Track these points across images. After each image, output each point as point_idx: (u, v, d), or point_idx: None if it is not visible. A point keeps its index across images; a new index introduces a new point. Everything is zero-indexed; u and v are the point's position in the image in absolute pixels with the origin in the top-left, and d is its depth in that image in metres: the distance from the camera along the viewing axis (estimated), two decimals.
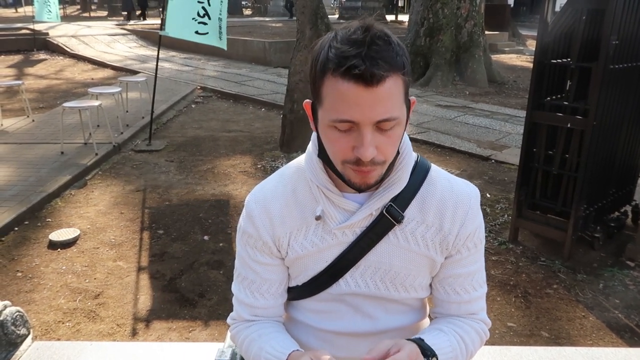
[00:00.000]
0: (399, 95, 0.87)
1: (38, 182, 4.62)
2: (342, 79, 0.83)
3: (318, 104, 0.91)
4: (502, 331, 2.75)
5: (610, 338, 2.69)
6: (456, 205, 1.04)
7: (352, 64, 0.81)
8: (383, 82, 0.83)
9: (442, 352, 0.98)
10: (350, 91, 0.83)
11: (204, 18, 5.52)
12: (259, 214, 1.06)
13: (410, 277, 1.07)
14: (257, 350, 1.04)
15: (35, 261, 3.44)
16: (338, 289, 1.08)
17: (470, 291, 1.08)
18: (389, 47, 0.84)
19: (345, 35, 0.85)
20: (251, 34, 14.81)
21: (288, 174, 1.10)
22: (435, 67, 9.95)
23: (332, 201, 1.01)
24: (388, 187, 1.00)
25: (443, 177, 1.07)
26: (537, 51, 3.30)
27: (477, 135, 6.44)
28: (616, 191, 3.70)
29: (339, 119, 0.86)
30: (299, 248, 1.06)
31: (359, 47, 0.82)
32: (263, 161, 5.44)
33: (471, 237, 1.05)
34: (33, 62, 12.87)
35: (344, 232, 1.03)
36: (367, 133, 0.86)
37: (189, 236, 3.81)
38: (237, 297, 1.13)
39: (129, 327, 2.78)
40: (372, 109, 0.84)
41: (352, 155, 0.89)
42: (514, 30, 17.29)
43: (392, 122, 0.87)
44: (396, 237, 1.03)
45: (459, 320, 1.09)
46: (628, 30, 3.12)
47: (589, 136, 3.13)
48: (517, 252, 3.57)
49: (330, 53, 0.85)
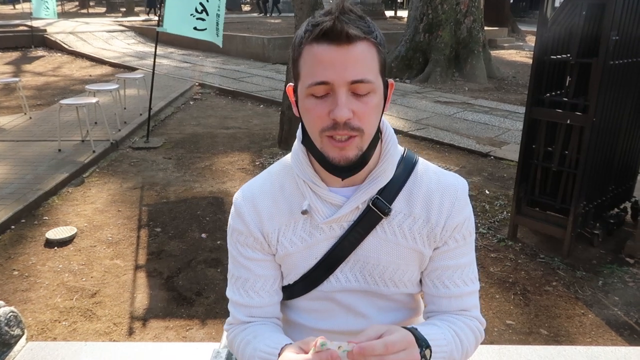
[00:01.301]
0: (373, 61, 0.90)
1: (35, 180, 4.60)
2: (317, 42, 0.88)
3: (297, 80, 0.94)
4: (500, 329, 2.74)
5: (609, 336, 2.68)
6: (442, 197, 1.04)
7: (324, 26, 0.86)
8: (355, 42, 0.87)
9: (436, 343, 0.94)
10: (324, 52, 0.87)
11: (202, 14, 5.50)
12: (247, 211, 1.07)
13: (399, 271, 1.06)
14: (252, 350, 1.03)
15: (32, 260, 3.42)
16: (329, 285, 1.08)
17: (460, 285, 1.06)
18: (361, 19, 0.90)
19: (320, 12, 0.91)
20: (250, 30, 14.76)
21: (275, 171, 1.11)
22: (434, 63, 9.92)
23: (318, 195, 1.02)
24: (374, 180, 1.00)
25: (430, 170, 1.08)
26: (537, 47, 3.27)
27: (476, 131, 6.42)
28: (615, 188, 3.68)
29: (314, 82, 0.88)
30: (288, 244, 1.06)
31: (332, 16, 0.87)
32: (261, 158, 5.42)
33: (459, 229, 1.04)
34: (31, 59, 12.83)
35: (331, 226, 1.03)
36: (341, 94, 0.88)
37: (187, 234, 3.80)
38: (232, 299, 1.12)
39: (125, 326, 2.76)
40: (346, 68, 0.87)
41: (328, 120, 0.90)
42: (514, 26, 17.24)
43: (366, 84, 0.89)
44: (384, 230, 1.03)
45: (451, 317, 1.06)
46: (628, 25, 3.10)
47: (589, 132, 3.11)
48: (516, 249, 3.55)
49: (307, 27, 0.90)
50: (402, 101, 8.05)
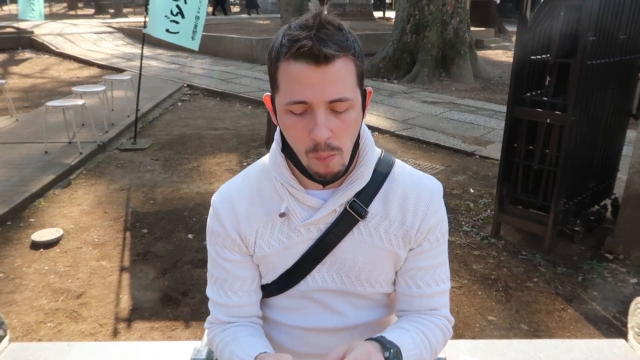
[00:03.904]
0: (351, 77, 0.89)
1: (21, 182, 4.58)
2: (294, 60, 0.86)
3: (275, 92, 0.94)
4: (482, 325, 2.78)
5: (587, 330, 2.73)
6: (418, 199, 1.06)
7: (301, 44, 0.85)
8: (333, 61, 0.86)
9: (406, 348, 0.98)
10: (302, 71, 0.86)
11: (177, 17, 5.42)
12: (225, 212, 1.08)
13: (375, 272, 1.08)
14: (229, 354, 1.05)
15: (17, 262, 3.41)
16: (306, 285, 1.10)
17: (432, 285, 1.09)
18: (339, 31, 0.88)
19: (297, 23, 0.89)
20: (239, 31, 14.74)
21: (253, 172, 1.12)
22: (421, 64, 9.99)
23: (296, 198, 1.03)
24: (351, 183, 1.02)
25: (406, 172, 1.09)
26: (517, 47, 3.33)
27: (462, 131, 6.48)
28: (596, 185, 3.75)
29: (292, 100, 0.88)
30: (266, 246, 1.07)
31: (309, 30, 0.86)
32: (249, 159, 5.44)
33: (433, 231, 1.07)
34: (18, 61, 12.72)
35: (308, 228, 1.05)
36: (320, 114, 0.88)
37: (173, 235, 3.81)
38: (212, 298, 1.14)
39: (111, 326, 2.78)
40: (324, 89, 0.86)
41: (310, 142, 0.90)
42: (500, 26, 17.37)
43: (344, 102, 0.89)
44: (360, 232, 1.05)
45: (420, 318, 1.09)
46: (605, 26, 3.16)
47: (568, 131, 3.17)
48: (499, 246, 3.61)
49: (284, 40, 0.88)
50: (389, 101, 8.10)
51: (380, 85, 9.54)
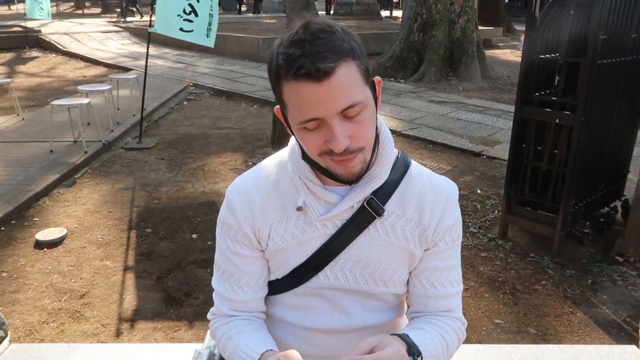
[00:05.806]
0: (355, 79, 0.88)
1: (26, 181, 4.58)
2: (295, 81, 0.85)
3: (284, 110, 0.94)
4: (489, 328, 2.74)
5: (597, 334, 2.68)
6: (435, 200, 1.06)
7: (298, 64, 0.84)
8: (333, 72, 0.84)
9: (426, 349, 0.98)
10: (306, 90, 0.85)
11: (190, 15, 5.45)
12: (240, 205, 1.07)
13: (390, 270, 1.07)
14: (233, 348, 1.04)
15: (21, 261, 3.40)
16: (317, 282, 1.08)
17: (447, 286, 1.09)
18: (332, 36, 0.86)
19: (289, 38, 0.87)
20: (245, 30, 14.74)
21: (270, 165, 1.11)
22: (428, 63, 9.93)
23: (313, 193, 1.02)
24: (369, 181, 1.01)
25: (423, 173, 1.10)
26: (525, 46, 3.28)
27: (469, 131, 6.43)
28: (606, 186, 3.69)
29: (304, 119, 0.88)
30: (280, 240, 1.06)
31: (302, 46, 0.84)
32: (254, 158, 5.42)
33: (449, 231, 1.07)
34: (25, 59, 12.78)
35: (324, 224, 1.04)
36: (335, 125, 0.87)
37: (177, 235, 3.79)
38: (217, 291, 1.13)
39: (113, 327, 2.76)
40: (333, 101, 0.85)
41: (325, 147, 0.90)
42: (509, 25, 17.27)
43: (356, 107, 0.88)
44: (376, 230, 1.04)
45: (436, 319, 1.09)
46: (616, 25, 3.11)
47: (578, 131, 3.12)
48: (506, 248, 3.56)
49: (279, 59, 0.87)
50: (396, 101, 8.05)
51: (387, 84, 9.49)
